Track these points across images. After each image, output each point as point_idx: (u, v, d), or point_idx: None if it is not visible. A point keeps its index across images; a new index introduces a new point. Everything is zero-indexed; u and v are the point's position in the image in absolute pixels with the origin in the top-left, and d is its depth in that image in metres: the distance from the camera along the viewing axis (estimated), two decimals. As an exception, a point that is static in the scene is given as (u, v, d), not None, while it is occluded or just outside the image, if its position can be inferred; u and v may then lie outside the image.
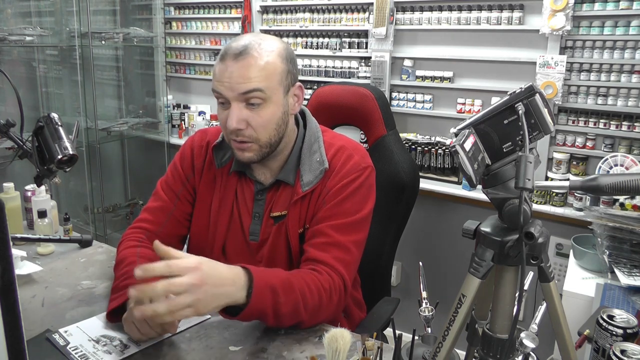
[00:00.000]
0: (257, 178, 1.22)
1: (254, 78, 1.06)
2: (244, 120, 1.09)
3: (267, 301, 0.97)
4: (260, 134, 1.11)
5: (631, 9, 1.93)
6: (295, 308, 1.00)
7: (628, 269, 1.51)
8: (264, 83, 1.07)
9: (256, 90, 1.07)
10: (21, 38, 2.69)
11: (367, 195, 1.18)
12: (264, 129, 1.11)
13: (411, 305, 1.58)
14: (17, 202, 1.57)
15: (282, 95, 1.12)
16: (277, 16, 2.83)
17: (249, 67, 1.06)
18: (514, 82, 2.21)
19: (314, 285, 1.04)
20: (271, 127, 1.12)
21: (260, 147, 1.12)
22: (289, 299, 0.99)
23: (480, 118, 0.77)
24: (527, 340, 0.80)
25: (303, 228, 1.18)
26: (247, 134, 1.10)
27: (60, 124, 1.18)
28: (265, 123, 1.10)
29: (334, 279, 1.08)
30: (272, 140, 1.13)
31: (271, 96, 1.09)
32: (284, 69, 1.11)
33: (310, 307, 1.02)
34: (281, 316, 0.99)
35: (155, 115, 3.41)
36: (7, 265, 0.55)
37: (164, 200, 1.26)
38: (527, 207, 0.69)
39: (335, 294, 1.07)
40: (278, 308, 0.98)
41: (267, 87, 1.08)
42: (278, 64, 1.10)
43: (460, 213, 2.38)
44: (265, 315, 0.98)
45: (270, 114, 1.10)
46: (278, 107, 1.11)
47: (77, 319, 1.09)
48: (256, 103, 1.08)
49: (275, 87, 1.10)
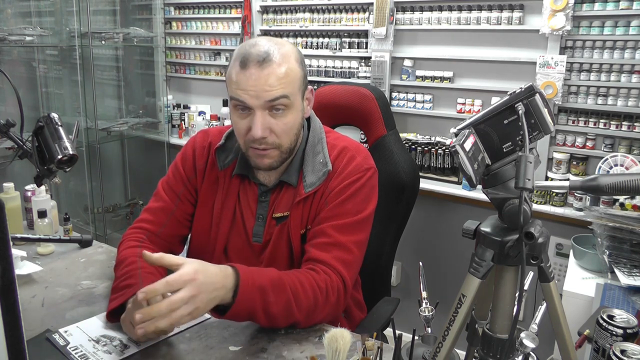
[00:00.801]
0: (260, 180, 1.22)
1: (279, 85, 1.06)
2: (268, 127, 1.09)
3: (255, 300, 0.97)
4: (283, 140, 1.11)
5: (631, 9, 1.93)
6: (287, 307, 1.00)
7: (628, 269, 1.51)
8: (288, 89, 1.08)
9: (283, 97, 1.07)
10: (21, 38, 2.69)
11: (369, 196, 1.18)
12: (286, 135, 1.11)
13: (411, 305, 1.58)
14: (17, 202, 1.57)
15: (300, 100, 1.13)
16: (277, 16, 2.83)
17: (273, 74, 1.06)
18: (514, 82, 2.21)
19: (308, 285, 1.04)
20: (292, 133, 1.13)
21: (281, 152, 1.13)
22: (280, 298, 0.99)
23: (480, 118, 0.77)
24: (527, 340, 0.80)
25: (305, 229, 1.18)
26: (270, 141, 1.10)
27: (60, 124, 1.18)
28: (289, 129, 1.11)
29: (332, 279, 1.07)
30: (292, 145, 1.15)
31: (294, 102, 1.10)
32: (302, 74, 1.12)
33: (304, 307, 1.02)
34: (273, 316, 1.00)
35: (155, 115, 3.41)
36: (7, 265, 0.55)
37: (165, 200, 1.26)
38: (527, 207, 0.69)
39: (333, 294, 1.07)
40: (268, 307, 0.98)
41: (290, 94, 1.08)
42: (297, 70, 1.11)
43: (460, 213, 2.38)
44: (255, 314, 0.98)
45: (292, 120, 1.11)
46: (299, 112, 1.13)
47: (77, 319, 1.09)
48: (281, 109, 1.08)
49: (296, 93, 1.11)
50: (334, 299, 1.07)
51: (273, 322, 1.02)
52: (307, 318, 1.05)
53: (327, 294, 1.06)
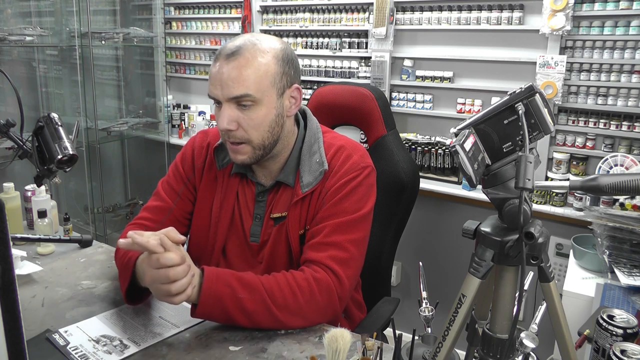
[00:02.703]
0: (258, 179, 1.22)
1: (243, 82, 1.06)
2: (235, 121, 1.08)
3: (223, 294, 0.99)
4: (252, 135, 1.10)
5: (631, 9, 1.92)
6: (264, 305, 1.01)
7: (628, 269, 1.51)
8: (254, 87, 1.06)
9: (245, 95, 1.06)
10: (21, 38, 2.69)
11: (367, 195, 1.18)
12: (255, 130, 1.10)
13: (411, 305, 1.59)
14: (17, 202, 1.57)
15: (274, 98, 1.11)
16: (277, 16, 2.83)
17: (239, 68, 1.06)
18: (514, 82, 2.21)
19: (284, 283, 1.04)
20: (263, 129, 1.11)
21: (253, 148, 1.12)
22: (254, 296, 1.01)
23: (480, 118, 0.77)
24: (527, 340, 0.80)
25: (304, 229, 1.18)
26: (238, 135, 1.10)
27: (60, 124, 1.18)
28: (256, 125, 1.10)
29: (320, 277, 1.06)
30: (266, 142, 1.12)
31: (262, 99, 1.08)
32: (277, 71, 1.10)
33: (281, 305, 1.02)
34: (250, 312, 1.01)
35: (155, 115, 3.41)
36: (7, 265, 0.55)
37: (164, 199, 1.27)
38: (527, 207, 0.69)
39: (321, 293, 1.05)
40: (242, 304, 1.00)
41: (257, 90, 1.07)
42: (271, 66, 1.09)
43: (460, 213, 2.38)
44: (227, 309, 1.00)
45: (261, 116, 1.09)
46: (270, 109, 1.10)
47: (77, 319, 1.09)
48: (247, 105, 1.08)
49: (266, 90, 1.08)
50: (322, 298, 1.06)
51: (254, 320, 1.02)
52: (291, 317, 1.04)
53: (311, 292, 1.05)
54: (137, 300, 1.10)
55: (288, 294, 1.03)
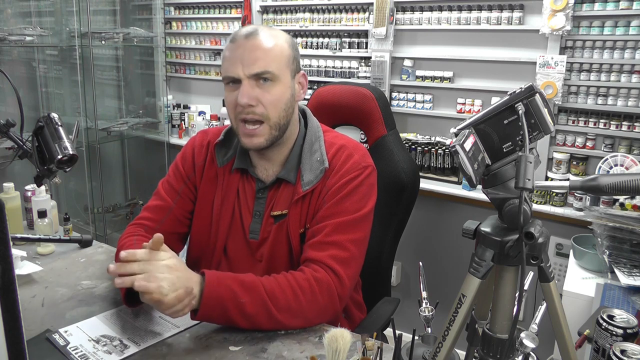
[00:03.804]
0: (259, 175, 1.23)
1: (264, 58, 1.10)
2: (255, 97, 1.11)
3: (224, 297, 0.99)
4: (271, 112, 1.13)
5: (631, 9, 1.92)
6: (265, 307, 1.01)
7: (628, 269, 1.51)
8: (274, 64, 1.11)
9: (266, 72, 1.10)
10: (21, 38, 2.69)
11: (368, 194, 1.18)
12: (274, 107, 1.13)
13: (411, 305, 1.59)
14: (17, 202, 1.57)
15: (290, 78, 1.16)
16: (277, 16, 2.83)
17: (259, 47, 1.11)
18: (514, 82, 2.21)
19: (285, 285, 1.04)
20: (280, 107, 1.14)
21: (270, 128, 1.14)
22: (254, 299, 1.00)
23: (480, 118, 0.77)
24: (527, 340, 0.80)
25: (304, 228, 1.18)
26: (257, 111, 1.12)
27: (60, 124, 1.18)
28: (275, 101, 1.13)
29: (320, 277, 1.06)
30: (281, 122, 1.15)
31: (280, 76, 1.13)
32: (290, 54, 1.16)
33: (283, 307, 1.02)
34: (250, 315, 1.00)
35: (155, 115, 3.41)
36: (7, 265, 0.55)
37: (164, 198, 1.27)
38: (527, 207, 0.69)
39: (321, 292, 1.06)
40: (242, 308, 0.99)
41: (277, 68, 1.12)
42: (285, 48, 1.15)
43: (460, 213, 2.38)
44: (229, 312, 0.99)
45: (280, 93, 1.13)
46: (286, 88, 1.15)
47: (77, 319, 1.09)
48: (268, 80, 1.11)
49: (283, 69, 1.13)
50: (323, 298, 1.06)
51: (254, 323, 1.02)
52: (291, 318, 1.04)
53: (312, 293, 1.05)
54: (137, 302, 1.09)
55: (290, 296, 1.03)
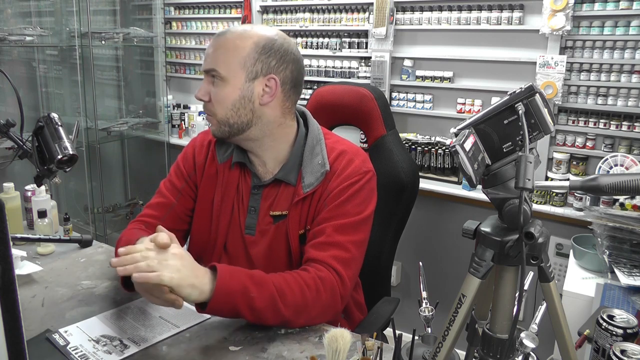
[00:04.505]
0: (256, 170, 1.23)
1: (215, 56, 1.14)
2: (208, 93, 1.16)
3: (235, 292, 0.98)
4: (216, 110, 1.16)
5: (631, 9, 1.92)
6: (273, 303, 1.01)
7: (628, 269, 1.51)
8: (223, 63, 1.13)
9: (211, 70, 1.14)
10: (21, 38, 2.69)
11: (368, 199, 1.19)
12: (219, 105, 1.15)
13: (411, 305, 1.58)
14: (17, 202, 1.57)
15: (242, 80, 1.14)
16: (277, 16, 2.83)
17: (219, 45, 1.15)
18: (514, 82, 2.21)
19: (294, 282, 1.04)
20: (226, 106, 1.15)
21: (218, 122, 1.17)
22: (263, 293, 1.00)
23: (480, 118, 0.77)
24: (527, 340, 0.80)
25: (304, 229, 1.19)
26: (207, 107, 1.17)
27: (60, 124, 1.18)
28: (220, 100, 1.15)
29: (324, 276, 1.07)
30: (230, 121, 1.16)
31: (227, 77, 1.13)
32: (251, 56, 1.13)
33: (290, 304, 1.02)
34: (258, 310, 1.00)
35: (155, 115, 3.41)
36: (7, 265, 0.55)
37: (166, 196, 1.29)
38: (527, 207, 0.69)
39: (325, 292, 1.06)
40: (252, 302, 0.99)
41: (225, 68, 1.13)
42: (246, 49, 1.13)
43: (460, 213, 2.38)
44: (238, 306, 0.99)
45: (225, 94, 1.15)
46: (235, 89, 1.14)
47: (77, 319, 1.09)
48: (216, 79, 1.14)
49: (234, 70, 1.13)
50: (327, 297, 1.07)
51: (260, 317, 1.02)
52: (296, 315, 1.04)
53: (317, 291, 1.05)
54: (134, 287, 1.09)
55: (297, 293, 1.03)
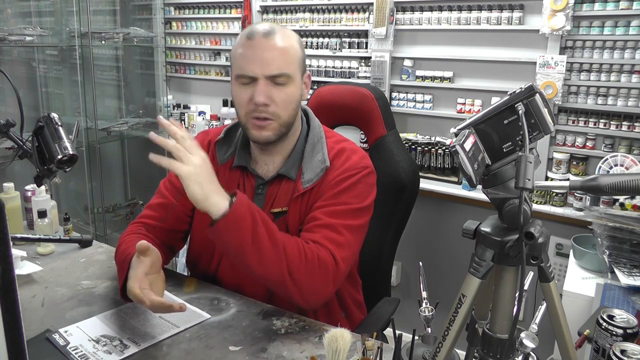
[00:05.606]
0: (258, 172, 1.23)
1: (282, 61, 1.13)
2: (270, 96, 1.13)
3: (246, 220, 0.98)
4: (282, 111, 1.15)
5: (631, 9, 1.92)
6: (276, 249, 1.01)
7: (628, 269, 1.51)
8: (290, 66, 1.14)
9: (283, 74, 1.13)
10: (21, 38, 2.68)
11: (365, 193, 1.19)
12: (286, 106, 1.15)
13: (411, 305, 1.58)
14: (17, 202, 1.57)
15: (299, 79, 1.18)
16: (277, 16, 2.83)
17: (276, 47, 1.13)
18: (514, 82, 2.21)
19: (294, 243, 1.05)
20: (291, 106, 1.16)
21: (279, 125, 1.16)
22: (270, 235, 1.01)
23: (480, 118, 0.77)
24: (527, 340, 0.80)
25: (303, 225, 1.19)
26: (270, 110, 1.14)
27: (60, 124, 1.18)
28: (289, 102, 1.15)
29: (320, 252, 1.07)
30: (290, 120, 1.18)
31: (294, 78, 1.15)
32: (301, 55, 1.19)
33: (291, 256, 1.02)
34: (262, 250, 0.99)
35: (155, 115, 3.41)
36: (7, 265, 0.55)
37: (166, 196, 1.28)
38: (527, 207, 0.69)
39: (321, 266, 1.05)
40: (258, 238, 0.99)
41: (292, 70, 1.15)
42: (298, 49, 1.18)
43: (460, 213, 2.38)
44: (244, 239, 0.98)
45: (292, 93, 1.16)
46: (297, 88, 1.17)
47: (77, 319, 1.09)
48: (282, 82, 1.13)
49: (296, 69, 1.16)
50: (322, 271, 1.06)
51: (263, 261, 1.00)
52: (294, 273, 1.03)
53: (317, 261, 1.05)
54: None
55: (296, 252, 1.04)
